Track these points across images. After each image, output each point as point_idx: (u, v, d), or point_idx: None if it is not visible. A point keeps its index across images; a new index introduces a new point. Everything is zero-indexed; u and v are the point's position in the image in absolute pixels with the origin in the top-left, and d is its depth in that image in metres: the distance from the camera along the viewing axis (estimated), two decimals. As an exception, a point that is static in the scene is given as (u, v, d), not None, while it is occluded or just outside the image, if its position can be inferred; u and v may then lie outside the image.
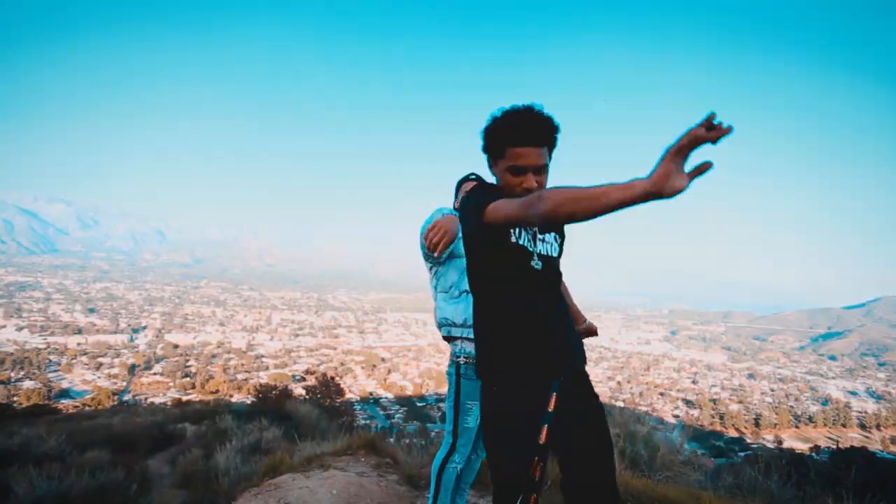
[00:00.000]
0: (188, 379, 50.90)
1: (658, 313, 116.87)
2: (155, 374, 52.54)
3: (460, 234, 1.93)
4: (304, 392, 12.43)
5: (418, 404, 43.31)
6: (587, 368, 1.53)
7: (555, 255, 1.51)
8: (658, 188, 0.91)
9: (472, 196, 1.42)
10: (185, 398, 33.61)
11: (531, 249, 1.44)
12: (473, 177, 1.90)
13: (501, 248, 1.41)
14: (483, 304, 1.48)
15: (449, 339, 2.08)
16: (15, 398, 31.16)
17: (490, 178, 1.59)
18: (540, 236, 1.49)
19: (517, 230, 1.43)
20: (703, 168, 0.91)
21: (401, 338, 75.48)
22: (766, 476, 2.31)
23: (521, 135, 1.33)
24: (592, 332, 1.81)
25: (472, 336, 1.89)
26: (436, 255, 1.94)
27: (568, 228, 1.58)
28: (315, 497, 2.60)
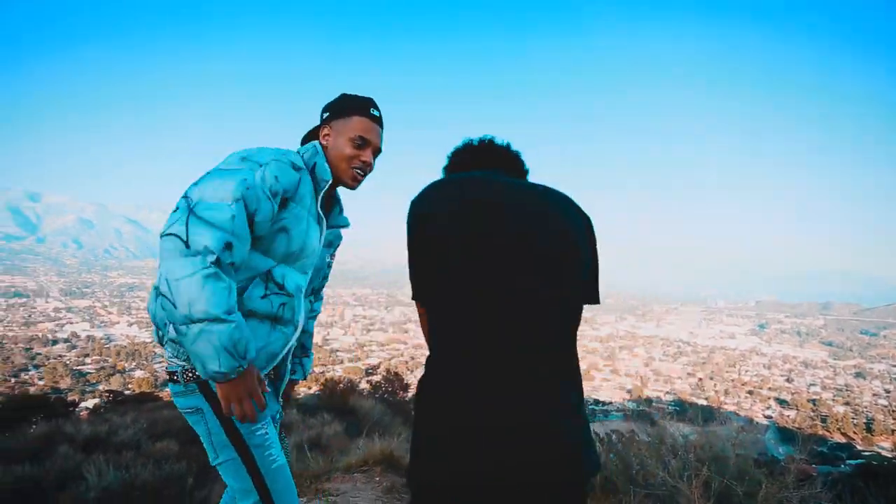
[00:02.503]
0: (271, 371, 54.59)
1: (743, 305, 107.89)
2: (243, 366, 56.93)
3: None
4: (369, 386, 12.67)
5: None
6: None
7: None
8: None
9: None
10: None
11: None
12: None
13: None
14: None
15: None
16: (129, 385, 34.83)
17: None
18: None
19: None
20: None
21: (467, 332, 75.73)
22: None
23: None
24: None
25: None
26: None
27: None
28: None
